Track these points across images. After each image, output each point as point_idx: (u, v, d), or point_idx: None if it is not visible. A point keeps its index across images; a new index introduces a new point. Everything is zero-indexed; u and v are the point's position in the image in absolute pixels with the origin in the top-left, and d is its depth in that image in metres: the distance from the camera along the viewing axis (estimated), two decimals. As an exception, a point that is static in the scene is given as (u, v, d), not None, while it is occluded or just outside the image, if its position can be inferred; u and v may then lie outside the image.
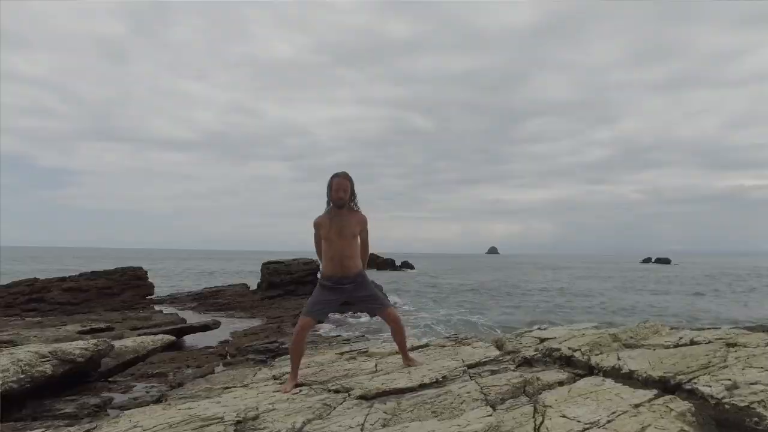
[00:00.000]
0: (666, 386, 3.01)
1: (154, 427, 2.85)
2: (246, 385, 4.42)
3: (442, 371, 3.77)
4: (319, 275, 4.18)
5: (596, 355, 3.84)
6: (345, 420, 2.91)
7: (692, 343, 4.02)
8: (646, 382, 3.12)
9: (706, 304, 26.03)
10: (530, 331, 5.45)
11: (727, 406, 2.61)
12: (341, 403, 3.27)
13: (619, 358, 3.64)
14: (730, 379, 2.89)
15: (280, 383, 4.19)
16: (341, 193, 3.80)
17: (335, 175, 3.88)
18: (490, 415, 2.75)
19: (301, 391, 3.79)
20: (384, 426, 2.84)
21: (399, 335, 4.18)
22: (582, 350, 3.94)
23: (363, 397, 3.35)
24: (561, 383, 3.43)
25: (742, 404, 2.57)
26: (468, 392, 3.26)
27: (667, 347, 3.99)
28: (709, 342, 3.92)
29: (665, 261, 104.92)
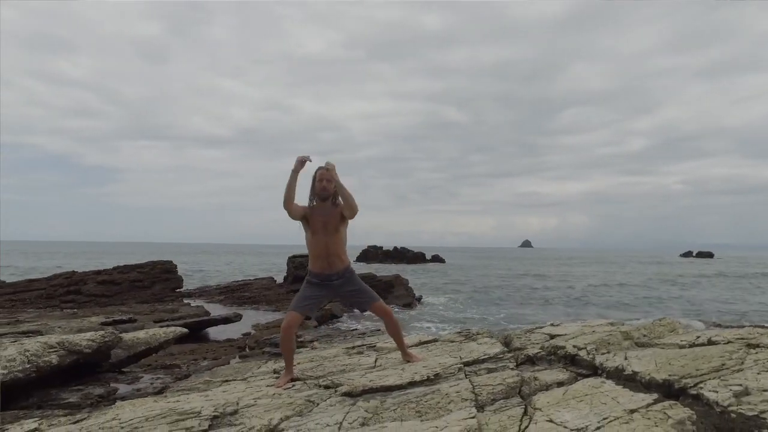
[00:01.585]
0: (669, 390, 2.78)
1: (130, 420, 2.82)
2: (245, 379, 4.39)
3: (436, 369, 3.62)
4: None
5: (602, 354, 3.61)
6: (324, 418, 2.81)
7: (710, 342, 3.73)
8: (648, 386, 2.89)
9: (742, 302, 24.76)
10: (541, 327, 5.22)
11: (733, 415, 2.37)
12: (325, 400, 3.18)
13: (626, 358, 3.40)
14: (741, 385, 2.64)
15: (277, 377, 4.14)
16: (325, 183, 3.68)
17: (320, 167, 3.78)
18: (473, 417, 2.59)
19: (294, 386, 3.72)
20: (362, 425, 2.72)
21: (393, 329, 4.05)
22: (588, 349, 3.72)
23: (348, 394, 3.24)
24: (561, 384, 3.23)
25: (751, 413, 2.33)
26: (458, 391, 3.10)
27: (682, 347, 3.71)
28: (728, 342, 3.63)
29: (707, 255, 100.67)
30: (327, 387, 3.53)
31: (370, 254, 65.36)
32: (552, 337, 4.56)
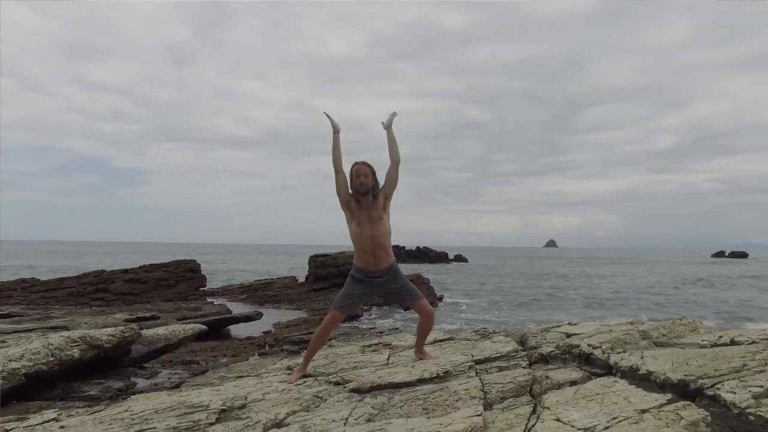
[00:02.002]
0: (685, 391, 2.68)
1: (141, 412, 2.87)
2: (258, 375, 4.43)
3: (447, 366, 3.58)
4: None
5: (618, 353, 3.51)
6: (330, 413, 2.81)
7: (732, 343, 3.59)
8: (663, 386, 2.80)
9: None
10: (558, 326, 5.12)
11: (751, 417, 2.27)
12: (333, 396, 3.18)
13: (642, 358, 3.31)
14: (762, 386, 2.53)
15: (290, 374, 4.17)
16: (362, 179, 3.62)
17: (356, 162, 3.72)
18: (479, 415, 2.55)
19: (305, 382, 3.74)
20: (368, 421, 2.71)
21: (426, 327, 3.97)
22: (603, 348, 3.62)
23: (356, 391, 3.23)
24: (573, 383, 3.16)
25: (770, 414, 2.23)
26: (467, 389, 3.06)
27: (703, 347, 3.59)
28: (752, 342, 3.49)
29: (741, 255, 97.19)
30: (337, 383, 3.53)
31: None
32: (568, 336, 4.47)
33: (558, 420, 2.38)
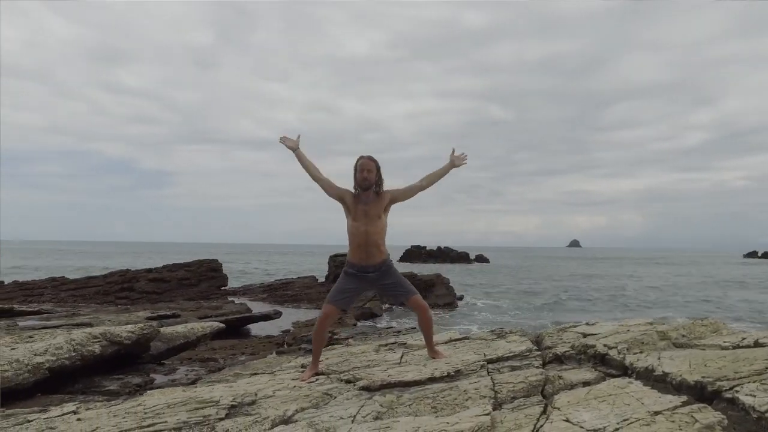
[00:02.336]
0: (702, 393, 2.60)
1: (154, 406, 2.93)
2: (272, 373, 4.47)
3: (458, 365, 3.55)
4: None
5: (634, 353, 3.43)
6: (338, 411, 2.82)
7: (756, 344, 3.47)
8: (679, 387, 2.72)
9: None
10: (576, 326, 5.02)
11: (770, 420, 2.19)
12: (342, 394, 3.18)
13: (659, 359, 3.22)
14: (783, 388, 2.44)
15: (303, 371, 4.19)
16: (366, 173, 3.63)
17: (361, 157, 3.72)
18: (487, 414, 2.52)
19: (317, 380, 3.75)
20: (376, 419, 2.70)
21: (425, 324, 3.98)
22: (619, 348, 3.54)
23: (366, 389, 3.23)
24: (587, 383, 3.09)
25: (791, 418, 2.14)
26: (477, 389, 3.03)
27: (724, 348, 3.47)
28: (777, 344, 3.37)
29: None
30: (348, 381, 3.54)
31: (414, 254, 65.25)
32: (585, 336, 4.38)
33: (567, 421, 2.33)
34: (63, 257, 67.07)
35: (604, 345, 3.62)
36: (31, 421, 3.24)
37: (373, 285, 3.83)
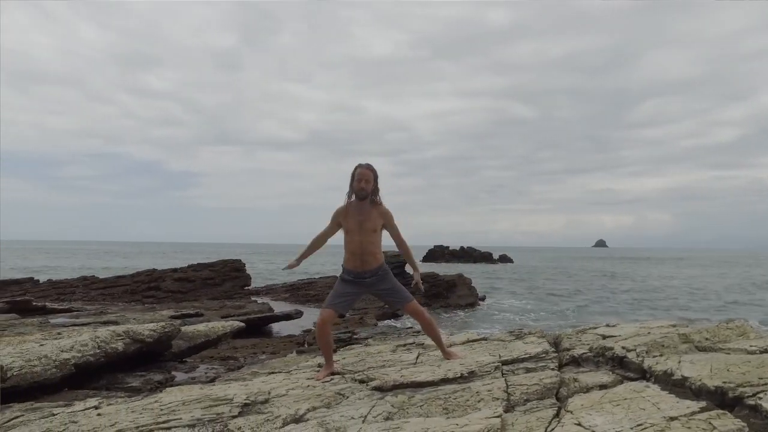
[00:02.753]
0: (723, 399, 2.51)
1: (170, 403, 3.00)
2: (289, 371, 4.52)
3: (472, 366, 3.53)
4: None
5: (653, 357, 3.34)
6: (350, 410, 2.83)
7: (784, 348, 3.34)
8: (698, 392, 2.63)
9: None
10: (595, 328, 4.93)
11: (793, 427, 2.10)
12: (355, 393, 3.19)
13: (679, 362, 3.13)
14: (809, 394, 2.34)
15: (319, 371, 4.22)
16: (363, 184, 3.67)
17: (359, 165, 3.76)
18: (497, 416, 2.49)
19: (331, 379, 3.78)
20: (386, 419, 2.70)
21: (427, 329, 3.98)
22: (637, 351, 3.45)
23: (378, 389, 3.23)
24: (603, 386, 3.03)
25: (815, 426, 2.06)
26: (489, 390, 3.00)
27: (751, 353, 3.35)
28: (806, 348, 3.23)
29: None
30: (361, 381, 3.55)
31: (437, 254, 65.02)
32: (604, 338, 4.29)
33: (579, 425, 2.29)
34: (93, 257, 69.13)
35: (623, 347, 3.54)
36: (56, 414, 3.36)
37: (370, 290, 3.87)
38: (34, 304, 12.46)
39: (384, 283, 3.77)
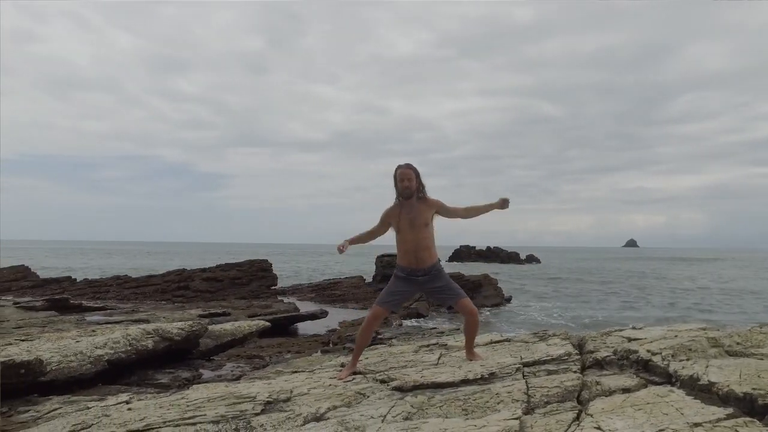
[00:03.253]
0: (752, 406, 2.44)
1: (195, 399, 3.09)
2: (312, 371, 4.59)
3: (493, 368, 3.51)
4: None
5: (679, 361, 3.26)
6: (369, 410, 2.86)
7: (820, 354, 3.22)
8: (725, 399, 2.57)
9: None
10: (621, 330, 4.83)
11: (824, 435, 2.04)
12: (375, 393, 3.23)
13: (706, 367, 3.05)
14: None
15: (342, 370, 4.28)
16: (406, 182, 3.71)
17: (399, 166, 3.80)
18: (516, 418, 2.48)
19: (353, 379, 3.82)
20: (405, 419, 2.73)
21: (470, 328, 3.98)
22: (663, 354, 3.38)
23: (398, 389, 3.26)
24: (626, 390, 2.98)
25: None
26: (509, 392, 2.99)
27: (785, 358, 3.25)
28: (844, 354, 3.11)
29: None
30: (382, 381, 3.58)
31: (463, 254, 64.65)
32: (629, 340, 4.21)
33: (599, 428, 2.27)
34: (127, 257, 71.29)
35: (648, 351, 3.47)
36: (90, 407, 3.52)
37: (423, 288, 3.89)
38: (72, 302, 12.97)
39: (437, 281, 3.79)
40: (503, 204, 3.87)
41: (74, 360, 4.68)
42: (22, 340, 5.46)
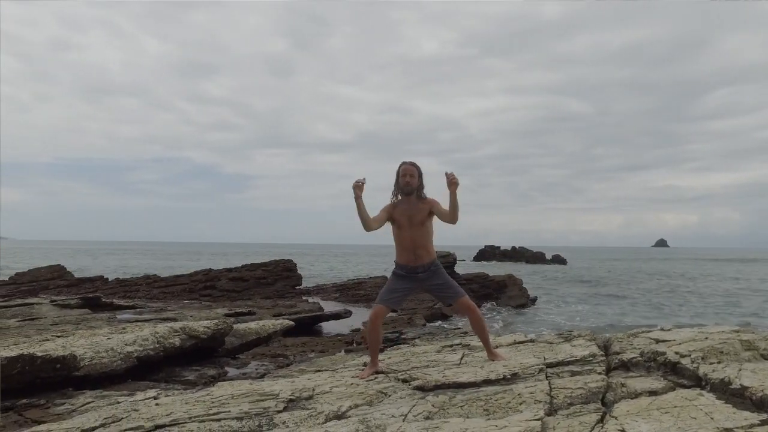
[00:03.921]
0: (787, 410, 2.36)
1: (220, 396, 3.16)
2: (335, 369, 4.63)
3: (515, 368, 3.48)
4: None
5: (710, 363, 3.17)
6: (390, 409, 2.87)
7: None
8: (760, 404, 2.48)
9: None
10: (648, 332, 4.71)
11: None
12: (397, 392, 3.23)
13: (739, 371, 2.96)
14: None
15: (364, 369, 4.30)
16: (408, 179, 3.75)
17: (403, 162, 3.85)
18: (538, 419, 2.46)
19: (375, 378, 3.84)
20: (426, 419, 2.72)
21: (477, 326, 3.97)
22: (692, 357, 3.29)
23: (420, 388, 3.26)
24: (653, 393, 2.91)
25: None
26: (532, 393, 2.96)
27: (824, 362, 3.12)
28: None
29: None
30: (404, 381, 3.59)
31: (488, 253, 64.17)
32: (657, 342, 4.11)
33: (623, 431, 2.22)
34: (156, 257, 73.15)
35: (676, 353, 3.38)
36: (120, 402, 3.64)
37: (423, 285, 3.90)
38: (104, 300, 13.37)
39: (437, 278, 3.81)
40: (448, 180, 3.58)
41: (106, 356, 4.83)
42: (58, 336, 5.67)
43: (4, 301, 13.24)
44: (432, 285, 3.86)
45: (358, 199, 3.69)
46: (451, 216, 3.70)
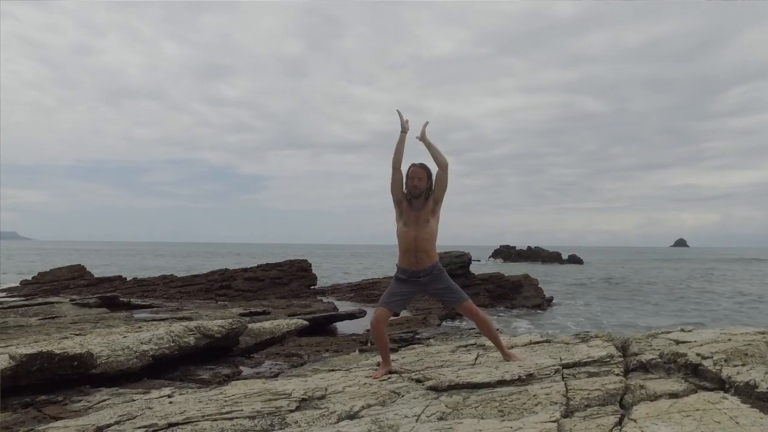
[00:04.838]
0: (814, 413, 2.27)
1: (233, 395, 3.16)
2: (348, 369, 4.61)
3: (531, 369, 3.42)
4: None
5: (734, 366, 3.07)
6: (404, 409, 2.84)
7: None
8: (785, 406, 2.39)
9: None
10: (668, 332, 4.60)
11: None
12: (410, 393, 3.20)
13: (766, 374, 2.86)
14: None
15: (377, 369, 4.27)
16: (416, 182, 3.71)
17: (413, 164, 3.81)
18: (554, 421, 2.40)
19: (389, 378, 3.81)
20: (439, 419, 2.68)
21: (484, 329, 3.93)
22: (715, 358, 3.19)
23: (433, 389, 3.22)
24: (673, 395, 2.83)
25: None
26: (548, 394, 2.90)
27: None
28: None
29: None
30: (418, 381, 3.55)
31: (503, 253, 63.77)
32: (677, 343, 4.00)
33: (642, 434, 2.16)
34: (173, 257, 74.14)
35: (697, 354, 3.28)
36: (135, 400, 3.67)
37: (425, 289, 3.87)
38: (121, 300, 13.58)
39: (439, 283, 3.77)
40: (401, 126, 3.80)
41: (122, 354, 4.88)
42: (77, 335, 5.76)
43: (27, 299, 13.54)
44: (434, 289, 3.83)
45: (404, 133, 3.77)
46: (437, 162, 3.77)
